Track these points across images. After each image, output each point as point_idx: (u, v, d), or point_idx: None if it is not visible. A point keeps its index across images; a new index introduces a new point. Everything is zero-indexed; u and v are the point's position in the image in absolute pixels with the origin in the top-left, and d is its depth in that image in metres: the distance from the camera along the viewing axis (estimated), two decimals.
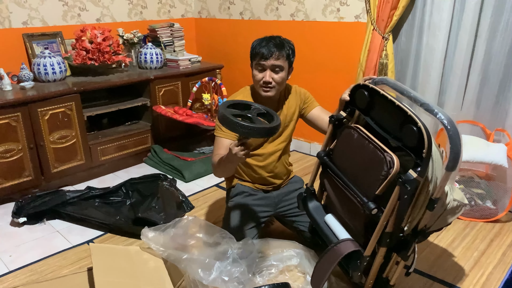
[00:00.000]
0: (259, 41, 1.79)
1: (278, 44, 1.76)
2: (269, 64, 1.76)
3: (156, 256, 1.76)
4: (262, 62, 1.76)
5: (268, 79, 1.77)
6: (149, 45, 3.23)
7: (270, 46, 1.75)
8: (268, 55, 1.74)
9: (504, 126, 2.37)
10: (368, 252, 1.39)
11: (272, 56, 1.75)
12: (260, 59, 1.76)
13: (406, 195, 1.24)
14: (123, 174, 2.95)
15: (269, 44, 1.76)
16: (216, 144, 1.88)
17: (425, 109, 1.24)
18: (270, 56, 1.74)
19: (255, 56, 1.79)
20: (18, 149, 2.44)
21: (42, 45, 2.89)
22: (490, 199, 2.37)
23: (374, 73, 2.65)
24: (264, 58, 1.75)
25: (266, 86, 1.80)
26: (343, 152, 1.59)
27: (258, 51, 1.76)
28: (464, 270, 1.92)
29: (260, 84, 1.80)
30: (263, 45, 1.76)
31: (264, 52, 1.75)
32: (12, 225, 2.29)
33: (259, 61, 1.77)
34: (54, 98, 2.54)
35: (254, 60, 1.81)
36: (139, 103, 3.07)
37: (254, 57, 1.80)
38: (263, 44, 1.76)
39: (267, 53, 1.74)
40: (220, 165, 1.73)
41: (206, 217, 2.39)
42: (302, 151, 3.37)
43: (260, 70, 1.79)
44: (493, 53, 2.34)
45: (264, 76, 1.78)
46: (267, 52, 1.74)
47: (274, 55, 1.75)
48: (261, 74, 1.79)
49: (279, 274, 1.85)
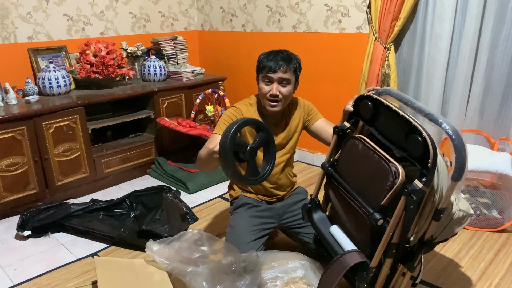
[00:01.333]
0: (266, 55, 1.80)
1: (285, 57, 1.78)
2: (276, 77, 1.77)
3: (160, 269, 1.75)
4: (269, 74, 1.77)
5: (275, 92, 1.78)
6: (153, 58, 3.26)
7: (278, 59, 1.76)
8: (276, 68, 1.75)
9: (508, 135, 2.36)
10: (374, 263, 1.38)
11: (279, 69, 1.75)
12: (268, 72, 1.77)
13: (412, 205, 1.23)
14: (127, 186, 2.96)
15: (277, 57, 1.77)
16: (210, 138, 1.84)
17: (429, 119, 1.24)
18: (278, 69, 1.75)
19: (262, 69, 1.79)
20: (23, 163, 2.45)
21: (47, 59, 2.92)
22: (496, 209, 2.35)
23: (376, 83, 2.66)
24: (271, 71, 1.76)
25: (273, 99, 1.80)
26: (347, 162, 1.59)
27: (266, 65, 1.77)
28: (471, 280, 1.90)
29: (267, 97, 1.81)
30: (270, 59, 1.77)
31: (272, 65, 1.75)
32: (17, 239, 2.29)
33: (267, 73, 1.77)
34: (59, 112, 2.55)
35: (261, 73, 1.81)
36: (143, 116, 3.09)
37: (261, 70, 1.80)
38: (270, 58, 1.77)
39: (275, 66, 1.75)
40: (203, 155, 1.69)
41: (210, 228, 2.38)
42: (306, 161, 3.37)
43: (267, 83, 1.80)
44: (495, 62, 2.34)
45: (271, 89, 1.78)
46: (275, 65, 1.75)
47: (282, 68, 1.75)
48: (268, 87, 1.79)
49: (284, 286, 1.83)
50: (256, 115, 1.89)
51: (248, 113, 1.88)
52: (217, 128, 1.87)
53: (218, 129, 1.85)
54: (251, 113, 1.89)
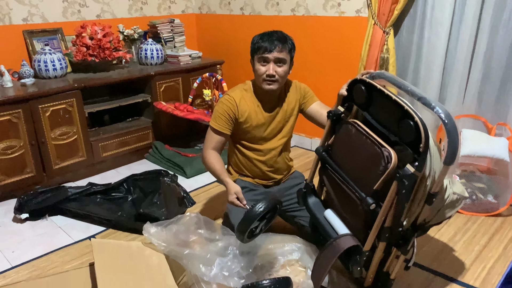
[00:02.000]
0: (261, 36, 1.80)
1: (280, 37, 1.77)
2: (272, 57, 1.76)
3: (158, 252, 1.76)
4: (265, 55, 1.76)
5: (271, 72, 1.77)
6: (150, 41, 3.23)
7: (273, 39, 1.76)
8: (271, 48, 1.75)
9: (506, 120, 2.36)
10: (368, 247, 1.39)
11: (275, 49, 1.75)
12: (264, 52, 1.76)
13: (404, 190, 1.24)
14: (125, 170, 2.96)
15: (272, 37, 1.76)
16: (209, 135, 1.90)
17: (422, 103, 1.23)
18: (273, 49, 1.75)
19: (257, 50, 1.79)
20: (19, 146, 2.45)
21: (42, 42, 2.89)
22: (491, 193, 2.37)
23: (375, 67, 2.64)
24: (267, 51, 1.75)
25: (269, 79, 1.80)
26: (341, 147, 1.59)
27: (261, 45, 1.76)
28: (465, 264, 1.92)
29: (263, 78, 1.80)
30: (265, 39, 1.76)
31: (267, 45, 1.75)
32: (15, 221, 2.30)
33: (262, 54, 1.77)
34: (55, 95, 2.54)
35: (256, 54, 1.80)
36: (140, 99, 3.07)
37: (257, 51, 1.79)
38: (265, 38, 1.77)
39: (271, 46, 1.75)
40: (210, 169, 1.92)
41: (207, 212, 2.39)
42: (304, 146, 3.37)
43: (263, 64, 1.79)
44: (495, 47, 2.32)
45: (267, 70, 1.78)
46: (271, 45, 1.75)
47: (277, 47, 1.75)
48: (264, 68, 1.79)
49: (280, 268, 1.85)
50: (252, 100, 1.88)
51: (243, 99, 1.87)
52: (213, 119, 1.88)
53: (214, 123, 1.87)
54: (246, 99, 1.88)
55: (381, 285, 1.56)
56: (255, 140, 1.93)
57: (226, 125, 1.87)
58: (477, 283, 1.79)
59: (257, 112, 1.88)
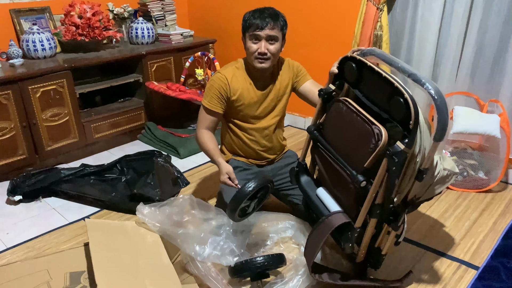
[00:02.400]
0: (252, 12, 1.77)
1: (272, 14, 1.75)
2: (264, 34, 1.74)
3: (152, 231, 1.78)
4: (257, 32, 1.74)
5: (263, 50, 1.76)
6: (140, 20, 3.17)
7: (264, 16, 1.73)
8: (263, 25, 1.72)
9: (498, 97, 2.36)
10: (359, 223, 1.41)
11: (267, 26, 1.73)
12: (255, 29, 1.74)
13: (394, 167, 1.25)
14: (118, 151, 2.95)
15: (263, 14, 1.74)
16: (201, 115, 1.90)
17: (413, 79, 1.23)
18: (265, 26, 1.73)
19: (248, 27, 1.76)
20: (10, 128, 2.42)
21: (30, 21, 2.82)
22: (482, 170, 2.39)
23: (368, 45, 2.62)
24: (259, 28, 1.73)
25: (261, 57, 1.78)
26: (332, 126, 1.59)
27: (252, 22, 1.74)
28: (456, 239, 1.95)
29: (255, 56, 1.78)
30: (257, 16, 1.74)
31: (258, 23, 1.73)
32: (8, 204, 2.30)
33: (254, 31, 1.75)
34: (45, 75, 2.50)
35: (247, 32, 1.78)
36: (131, 80, 3.04)
37: (248, 28, 1.77)
38: (256, 15, 1.74)
39: (262, 23, 1.72)
40: (203, 149, 1.92)
41: (201, 192, 2.40)
42: (297, 126, 3.37)
43: (254, 41, 1.77)
44: (488, 24, 2.30)
45: (259, 47, 1.76)
46: (262, 23, 1.72)
47: (269, 25, 1.73)
48: (256, 45, 1.77)
49: (274, 245, 1.88)
50: (244, 78, 1.87)
51: (235, 77, 1.85)
52: (205, 98, 1.87)
53: (206, 102, 1.86)
54: (237, 77, 1.86)
55: (373, 261, 1.59)
56: (247, 119, 1.92)
57: (218, 104, 1.86)
58: (467, 257, 1.83)
59: (249, 90, 1.87)
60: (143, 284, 1.47)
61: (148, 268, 1.57)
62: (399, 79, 1.31)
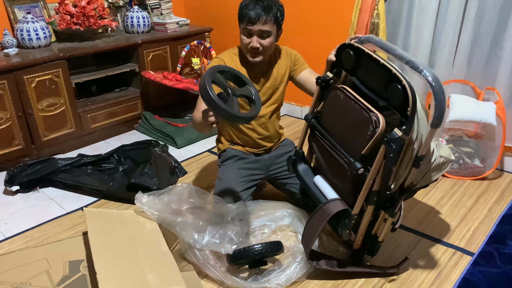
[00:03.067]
0: (247, 2, 1.75)
1: (265, 7, 1.71)
2: (256, 30, 1.73)
3: (151, 220, 1.79)
4: (249, 27, 1.73)
5: (255, 45, 1.75)
6: (135, 8, 3.14)
7: (257, 8, 1.70)
8: (255, 19, 1.70)
9: (494, 85, 2.37)
10: (356, 210, 1.42)
11: (259, 21, 1.70)
12: (247, 24, 1.72)
13: (391, 153, 1.25)
14: (115, 141, 2.95)
15: (256, 6, 1.71)
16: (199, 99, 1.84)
17: (410, 66, 1.23)
18: (257, 21, 1.70)
19: (242, 19, 1.75)
20: (6, 118, 2.41)
21: (24, 10, 2.79)
22: (478, 157, 2.41)
23: (365, 33, 2.60)
24: (251, 23, 1.71)
25: (254, 51, 1.77)
26: (330, 113, 1.59)
27: (245, 14, 1.72)
28: (451, 226, 1.98)
29: (248, 49, 1.78)
30: (250, 8, 1.71)
31: (251, 16, 1.70)
32: (5, 194, 2.30)
33: (246, 25, 1.73)
34: (40, 65, 2.48)
35: (241, 24, 1.77)
36: (127, 69, 3.02)
37: (241, 20, 1.76)
38: (250, 7, 1.71)
39: (254, 18, 1.70)
40: (197, 123, 1.75)
41: (199, 182, 2.41)
42: (294, 115, 3.37)
43: (247, 35, 1.76)
44: (485, 11, 2.30)
45: (251, 42, 1.75)
46: (254, 16, 1.70)
47: (261, 19, 1.70)
48: (248, 40, 1.76)
49: (271, 234, 1.89)
50: (240, 65, 1.86)
51: (232, 63, 1.85)
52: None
53: None
54: (235, 63, 1.86)
55: (369, 248, 1.61)
56: None
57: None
58: (462, 243, 1.85)
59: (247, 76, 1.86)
60: (142, 271, 1.48)
61: (147, 256, 1.58)
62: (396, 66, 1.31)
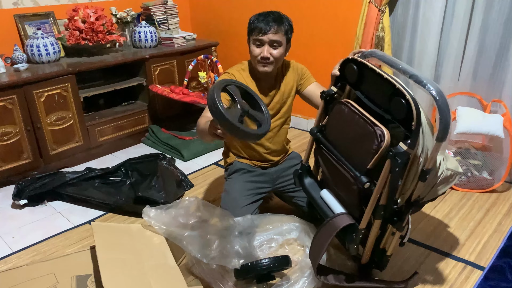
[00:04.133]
0: (257, 16, 1.78)
1: (276, 18, 1.75)
2: (267, 39, 1.75)
3: (158, 234, 1.79)
4: (260, 37, 1.75)
5: (266, 55, 1.76)
6: (143, 24, 3.19)
7: (268, 20, 1.73)
8: (266, 29, 1.73)
9: (500, 97, 2.36)
10: (363, 225, 1.41)
11: (270, 31, 1.73)
12: (258, 33, 1.75)
13: (397, 167, 1.25)
14: (122, 154, 2.96)
15: (268, 18, 1.74)
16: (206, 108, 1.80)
17: (414, 80, 1.23)
18: (268, 30, 1.73)
19: (253, 31, 1.77)
20: (15, 132, 2.44)
21: (34, 26, 2.85)
22: (486, 170, 2.39)
23: (370, 46, 2.62)
24: (262, 33, 1.74)
25: (264, 61, 1.79)
26: (335, 127, 1.59)
27: (256, 26, 1.75)
28: (461, 239, 1.95)
29: (258, 60, 1.79)
30: (261, 20, 1.74)
31: (262, 27, 1.73)
32: (13, 207, 2.31)
33: (257, 35, 1.75)
34: (49, 80, 2.52)
35: (251, 35, 1.79)
36: (135, 83, 3.05)
37: (252, 32, 1.78)
38: (261, 19, 1.74)
39: (265, 28, 1.73)
40: (200, 130, 1.67)
41: (205, 194, 2.41)
42: (300, 127, 3.37)
43: (258, 45, 1.78)
44: (489, 23, 2.31)
45: (262, 52, 1.77)
46: (265, 27, 1.73)
47: (272, 29, 1.73)
48: (259, 50, 1.78)
49: (279, 247, 1.88)
50: (249, 79, 1.88)
51: (241, 78, 1.87)
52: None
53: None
54: (244, 78, 1.87)
55: (378, 262, 1.60)
56: None
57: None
58: (472, 257, 1.83)
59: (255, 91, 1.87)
60: (149, 286, 1.48)
61: (154, 271, 1.58)
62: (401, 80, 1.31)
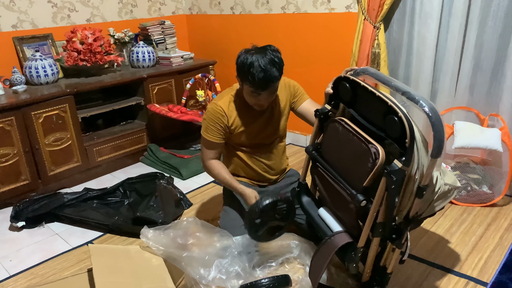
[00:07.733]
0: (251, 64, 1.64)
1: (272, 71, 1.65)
2: (266, 93, 1.72)
3: (156, 255, 1.77)
4: (259, 91, 1.70)
5: (264, 104, 1.77)
6: (141, 44, 3.22)
7: (266, 76, 1.64)
8: (264, 87, 1.68)
9: (497, 111, 2.37)
10: (362, 243, 1.40)
11: (269, 88, 1.70)
12: (256, 89, 1.69)
13: (393, 185, 1.24)
14: (120, 174, 2.96)
15: (266, 74, 1.63)
16: (204, 147, 1.88)
17: (407, 97, 1.24)
18: (267, 88, 1.69)
19: (246, 81, 1.69)
20: (13, 153, 2.44)
21: (33, 48, 2.87)
22: (486, 184, 2.38)
23: (367, 63, 2.64)
24: (260, 89, 1.69)
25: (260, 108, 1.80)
26: (330, 145, 1.59)
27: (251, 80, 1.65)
28: (463, 255, 1.93)
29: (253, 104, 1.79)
30: (256, 75, 1.63)
31: (259, 85, 1.67)
32: (11, 230, 2.30)
33: (255, 91, 1.70)
34: (48, 101, 2.53)
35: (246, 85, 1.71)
36: (133, 103, 3.06)
37: (246, 81, 1.70)
38: (261, 75, 1.63)
39: (263, 86, 1.68)
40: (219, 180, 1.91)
41: (204, 213, 2.39)
42: (299, 144, 3.37)
43: (255, 95, 1.73)
44: (484, 38, 2.33)
45: (258, 101, 1.75)
46: (263, 85, 1.67)
47: (271, 86, 1.70)
48: (255, 99, 1.75)
49: (279, 266, 1.86)
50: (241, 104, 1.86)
51: (231, 106, 1.85)
52: (205, 130, 1.86)
53: (206, 134, 1.85)
54: (235, 105, 1.85)
55: (379, 280, 1.57)
56: (247, 143, 1.92)
57: (219, 135, 1.85)
58: (475, 273, 1.80)
59: (248, 116, 1.87)
60: None
61: None
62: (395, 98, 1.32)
